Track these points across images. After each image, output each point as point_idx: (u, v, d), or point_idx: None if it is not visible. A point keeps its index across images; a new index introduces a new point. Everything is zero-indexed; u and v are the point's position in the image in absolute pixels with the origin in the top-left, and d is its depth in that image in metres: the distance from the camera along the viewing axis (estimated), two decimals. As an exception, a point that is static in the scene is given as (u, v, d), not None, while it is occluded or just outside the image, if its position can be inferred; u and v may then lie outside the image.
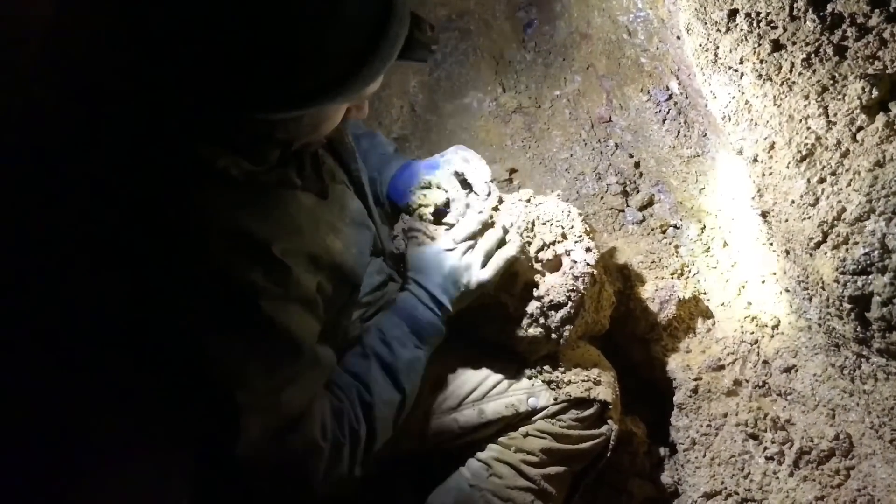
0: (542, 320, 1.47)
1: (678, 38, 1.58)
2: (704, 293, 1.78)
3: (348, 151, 1.41)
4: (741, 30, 1.30)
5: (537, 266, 1.51)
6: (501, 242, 1.46)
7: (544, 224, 1.54)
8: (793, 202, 1.18)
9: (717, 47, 1.34)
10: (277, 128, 1.09)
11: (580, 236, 1.53)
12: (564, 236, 1.53)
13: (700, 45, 1.37)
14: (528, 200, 1.57)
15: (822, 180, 1.14)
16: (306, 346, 1.16)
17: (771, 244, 1.57)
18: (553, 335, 1.49)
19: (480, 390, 1.51)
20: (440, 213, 1.56)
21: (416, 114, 2.18)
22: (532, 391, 1.51)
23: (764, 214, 1.33)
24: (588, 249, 1.52)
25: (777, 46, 1.26)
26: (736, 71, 1.31)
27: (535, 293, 1.47)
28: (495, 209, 1.54)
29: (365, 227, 1.39)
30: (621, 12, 1.86)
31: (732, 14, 1.31)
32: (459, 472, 1.55)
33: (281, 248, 1.11)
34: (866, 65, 1.17)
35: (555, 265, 1.52)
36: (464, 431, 1.52)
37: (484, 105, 2.14)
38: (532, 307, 1.46)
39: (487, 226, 1.47)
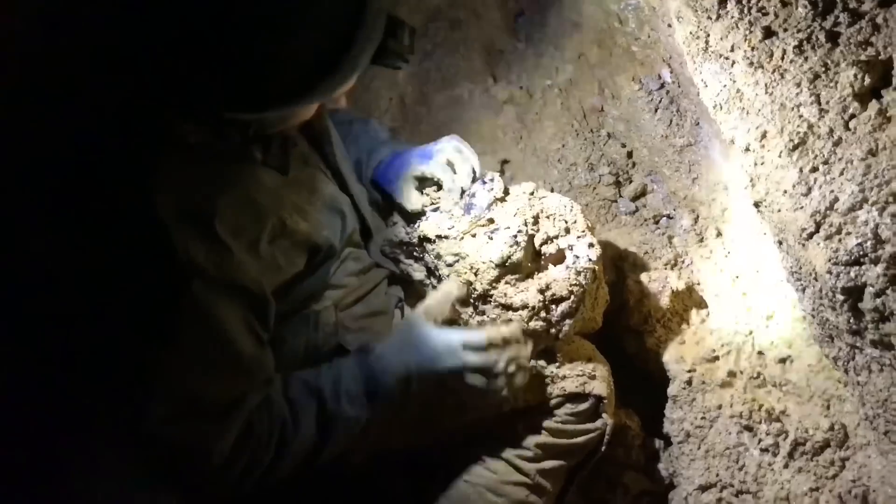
0: (543, 314, 1.46)
1: (669, 25, 1.56)
2: (698, 284, 1.77)
3: (325, 136, 1.38)
4: (732, 17, 1.28)
5: (540, 260, 1.51)
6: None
7: (548, 218, 1.54)
8: (785, 192, 1.16)
9: (708, 35, 1.32)
10: (245, 123, 1.09)
11: (583, 231, 1.53)
12: (567, 231, 1.53)
13: (690, 33, 1.35)
14: (532, 194, 1.57)
15: (814, 169, 1.12)
16: (233, 343, 1.12)
17: (765, 234, 1.55)
18: (553, 329, 1.48)
19: None
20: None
21: (405, 106, 2.15)
22: None
23: (756, 204, 1.32)
24: (591, 245, 1.52)
25: (768, 33, 1.24)
26: (727, 59, 1.29)
27: (538, 286, 1.46)
28: (501, 200, 1.54)
29: (338, 214, 1.36)
30: (612, 0, 1.84)
31: (723, 1, 1.29)
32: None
33: (228, 225, 1.09)
34: (859, 51, 1.15)
35: (557, 259, 1.51)
36: (458, 426, 1.51)
37: (475, 96, 2.12)
38: (534, 300, 1.45)
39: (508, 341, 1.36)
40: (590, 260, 1.50)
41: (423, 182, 1.56)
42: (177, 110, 1.05)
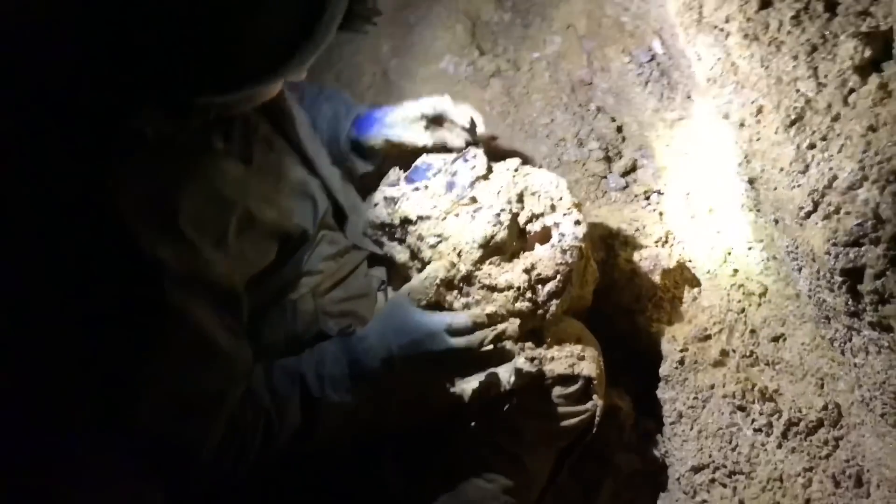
0: (529, 294, 1.43)
1: (660, -5, 1.51)
2: (690, 261, 1.73)
3: (288, 118, 1.33)
4: (727, -14, 1.24)
5: (525, 238, 1.48)
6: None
7: (533, 195, 1.50)
8: (782, 169, 1.13)
9: (702, 6, 1.28)
10: (207, 107, 1.03)
11: (569, 209, 1.50)
12: (553, 208, 1.49)
13: (684, 4, 1.30)
14: (516, 170, 1.53)
15: (812, 146, 1.09)
16: (207, 339, 1.10)
17: (758, 210, 1.52)
18: (540, 309, 1.45)
19: None
20: (415, 165, 1.55)
21: (389, 80, 2.09)
22: (514, 369, 1.47)
23: (751, 181, 1.28)
24: (577, 222, 1.48)
25: (764, 3, 1.20)
26: (721, 31, 1.24)
27: (523, 266, 1.43)
28: (484, 178, 1.50)
29: (307, 198, 1.32)
30: (601, -31, 1.79)
31: (717, -30, 1.24)
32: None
33: (192, 221, 1.04)
34: (858, 22, 1.10)
35: (543, 237, 1.48)
36: (445, 411, 1.48)
37: (461, 69, 2.06)
38: (519, 280, 1.41)
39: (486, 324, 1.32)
40: (576, 238, 1.46)
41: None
42: (136, 100, 0.99)
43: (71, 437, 1.18)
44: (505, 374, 1.42)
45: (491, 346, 1.30)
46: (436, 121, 1.57)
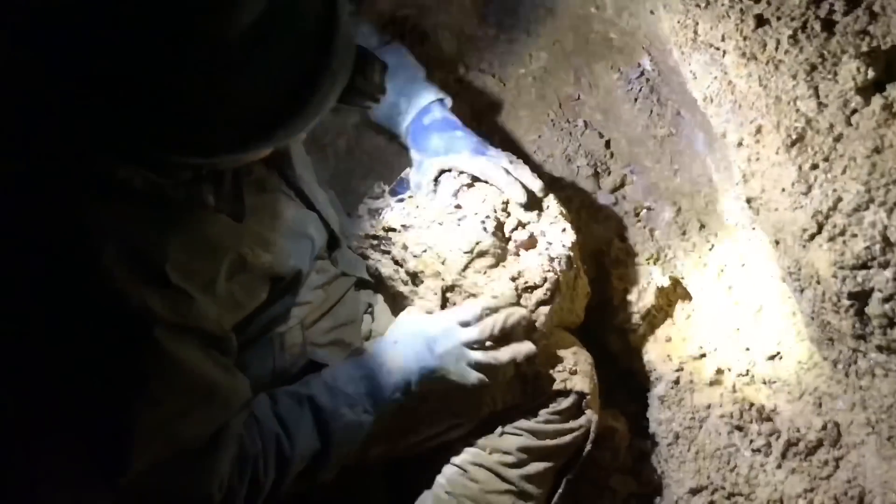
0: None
1: (652, 12, 1.49)
2: (682, 278, 1.72)
3: (284, 158, 1.28)
4: (722, 4, 1.23)
5: (511, 245, 1.45)
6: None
7: (518, 204, 1.48)
8: (783, 190, 1.11)
9: (697, 24, 1.26)
10: (193, 164, 0.98)
11: (556, 217, 1.48)
12: (539, 216, 1.47)
13: (678, 23, 1.29)
14: None
15: (814, 166, 1.07)
16: (203, 380, 1.05)
17: (754, 229, 1.51)
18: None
19: None
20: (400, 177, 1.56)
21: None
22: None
23: (749, 201, 1.27)
24: (564, 230, 1.47)
25: (761, 22, 1.19)
26: (717, 49, 1.23)
27: (509, 274, 1.40)
28: (469, 186, 1.49)
29: (304, 237, 1.29)
30: (588, -15, 1.77)
31: (712, -12, 1.23)
32: (435, 481, 1.48)
33: (180, 269, 0.99)
34: (857, 41, 1.10)
35: (529, 245, 1.46)
36: (435, 433, 1.45)
37: (446, 86, 2.02)
38: (505, 288, 1.39)
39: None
40: (563, 245, 1.45)
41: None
42: (118, 153, 0.92)
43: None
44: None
45: (500, 327, 1.32)
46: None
